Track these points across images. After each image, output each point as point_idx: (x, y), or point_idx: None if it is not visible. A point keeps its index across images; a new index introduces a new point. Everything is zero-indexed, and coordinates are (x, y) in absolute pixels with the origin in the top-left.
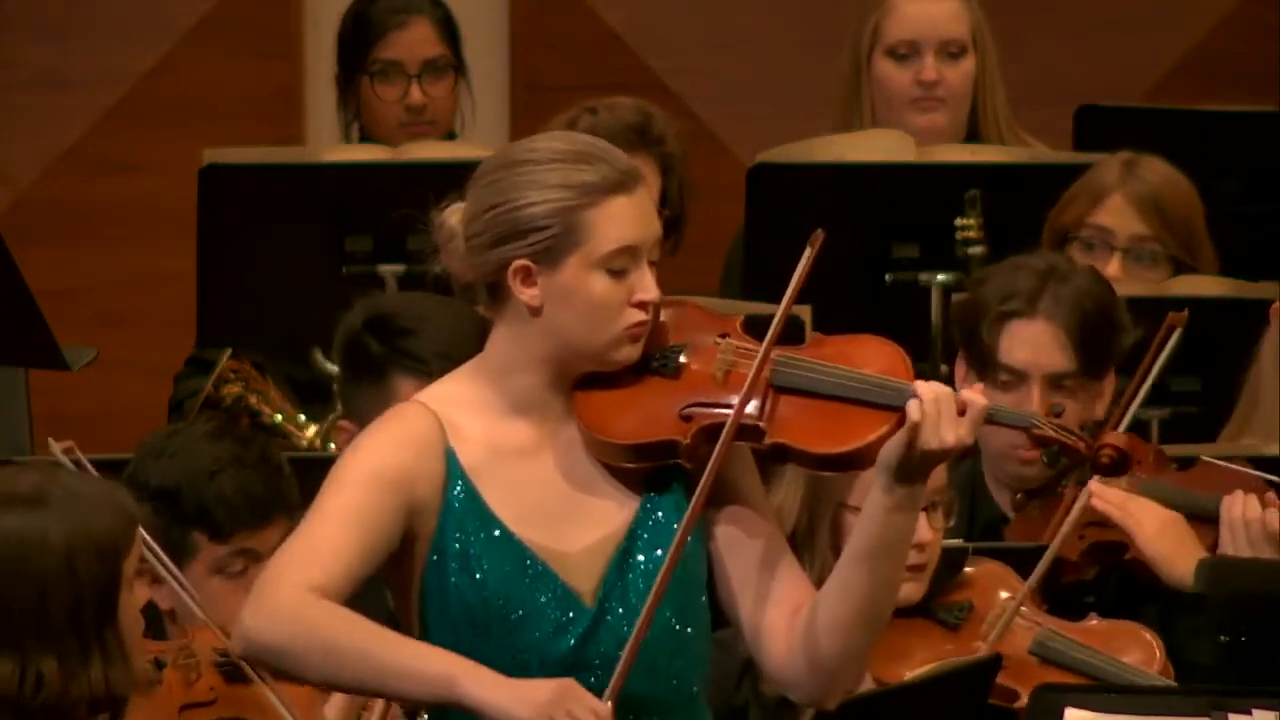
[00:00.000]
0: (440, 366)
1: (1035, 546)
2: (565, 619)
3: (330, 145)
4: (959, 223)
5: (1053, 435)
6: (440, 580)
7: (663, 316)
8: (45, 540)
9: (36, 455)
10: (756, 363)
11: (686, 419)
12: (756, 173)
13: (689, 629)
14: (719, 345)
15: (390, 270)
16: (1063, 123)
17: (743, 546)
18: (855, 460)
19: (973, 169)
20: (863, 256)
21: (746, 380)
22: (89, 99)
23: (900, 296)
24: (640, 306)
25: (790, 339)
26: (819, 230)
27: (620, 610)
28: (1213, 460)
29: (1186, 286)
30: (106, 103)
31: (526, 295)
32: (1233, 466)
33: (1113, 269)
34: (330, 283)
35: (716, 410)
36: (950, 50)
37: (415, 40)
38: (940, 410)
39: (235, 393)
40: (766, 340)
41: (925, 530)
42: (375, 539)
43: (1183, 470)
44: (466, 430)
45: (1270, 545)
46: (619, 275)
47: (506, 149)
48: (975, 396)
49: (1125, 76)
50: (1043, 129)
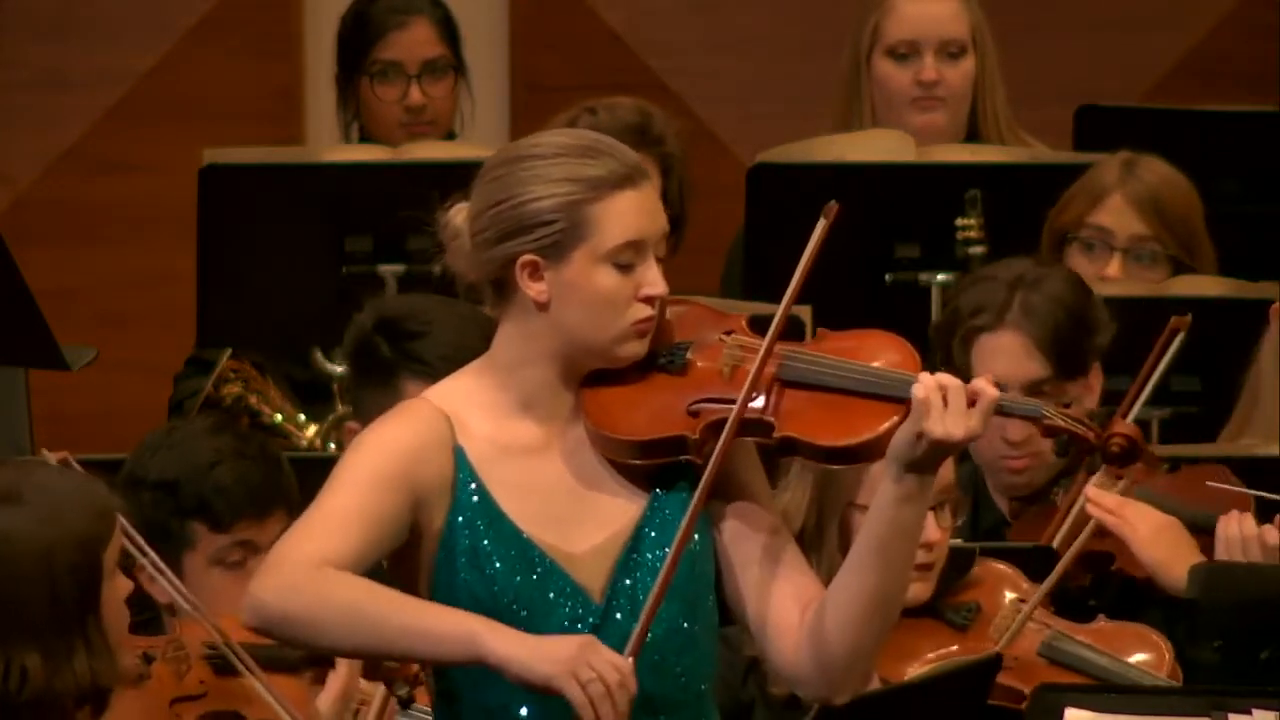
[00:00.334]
0: (448, 370)
1: (1042, 547)
2: (574, 616)
3: (330, 145)
4: (960, 222)
5: (1062, 425)
6: (449, 577)
7: (667, 315)
8: (22, 537)
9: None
10: (766, 343)
11: (694, 415)
12: (756, 173)
13: (697, 627)
14: (725, 342)
15: (390, 270)
16: (1063, 123)
17: (749, 542)
18: (864, 452)
19: (973, 169)
20: (863, 256)
21: (750, 372)
22: (89, 99)
23: (900, 296)
24: (647, 301)
25: (792, 338)
26: (832, 201)
27: (629, 608)
28: (1216, 485)
29: (1186, 286)
30: (106, 103)
31: (533, 290)
32: (1223, 486)
33: (1113, 269)
34: (330, 283)
35: (724, 405)
36: (950, 50)
37: (415, 40)
38: (950, 401)
39: (235, 393)
40: (780, 312)
41: (933, 529)
42: (381, 526)
43: (1173, 472)
44: (474, 428)
45: (1270, 560)
46: (626, 270)
47: (511, 145)
48: (985, 387)
49: (1125, 76)
50: (1043, 129)
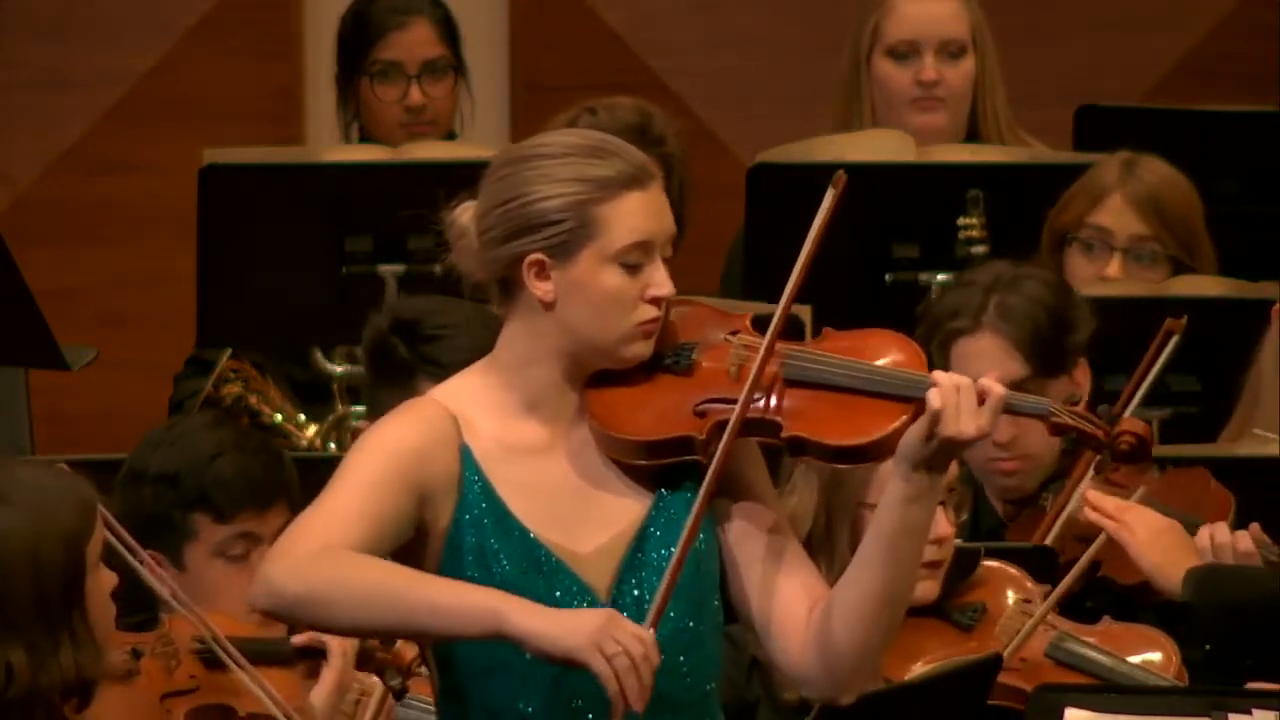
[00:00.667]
0: None
1: (1042, 548)
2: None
3: (330, 145)
4: (961, 222)
5: (1070, 423)
6: (455, 575)
7: (671, 316)
8: (6, 534)
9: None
10: (772, 326)
11: (701, 415)
12: (756, 173)
13: (702, 626)
14: (730, 342)
15: (390, 270)
16: (1063, 123)
17: (754, 541)
18: (873, 451)
19: (973, 169)
20: (863, 256)
21: (753, 368)
22: (89, 99)
23: (900, 296)
24: (653, 302)
25: (792, 338)
26: (840, 170)
27: (635, 607)
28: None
29: (1186, 286)
30: (106, 103)
31: (540, 290)
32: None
33: (1113, 269)
34: (330, 283)
35: (731, 405)
36: (950, 50)
37: (415, 41)
38: (961, 399)
39: (235, 393)
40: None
41: (944, 524)
42: (387, 521)
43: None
44: (480, 426)
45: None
46: (633, 270)
47: (519, 145)
48: (993, 385)
49: (1125, 76)
50: (1043, 129)
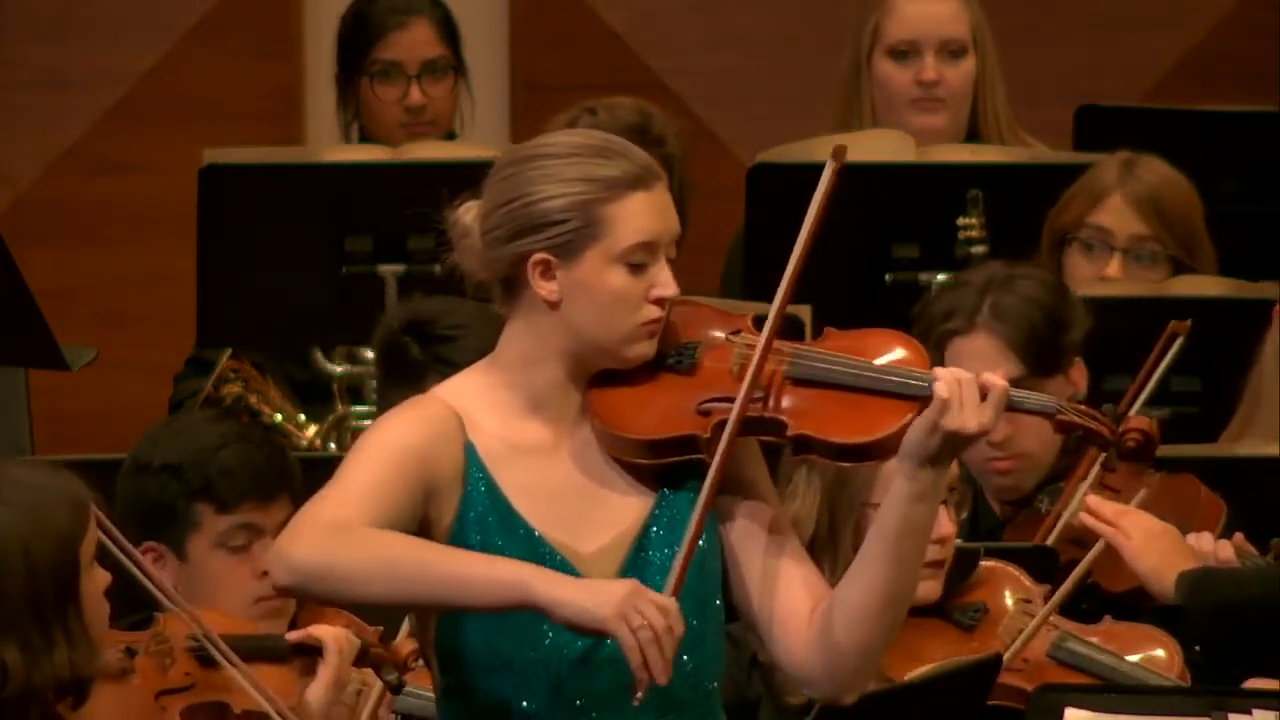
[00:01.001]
0: None
1: (1042, 548)
2: None
3: (330, 145)
4: (961, 222)
5: (1076, 420)
6: None
7: (672, 315)
8: (1, 533)
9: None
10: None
11: (705, 414)
12: (756, 173)
13: (706, 625)
14: (733, 342)
15: (390, 270)
16: (1063, 123)
17: (756, 540)
18: (878, 450)
19: (973, 169)
20: (863, 256)
21: (750, 369)
22: (89, 99)
23: (900, 296)
24: (658, 303)
25: (792, 338)
26: (841, 143)
27: None
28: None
29: (1187, 287)
30: (106, 103)
31: (545, 289)
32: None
33: (1113, 269)
34: (330, 283)
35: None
36: (950, 50)
37: (415, 41)
38: (964, 393)
39: (235, 393)
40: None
41: (946, 523)
42: (396, 506)
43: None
44: (484, 425)
45: None
46: (638, 270)
47: (524, 145)
48: (996, 379)
49: (1125, 76)
50: (1043, 129)
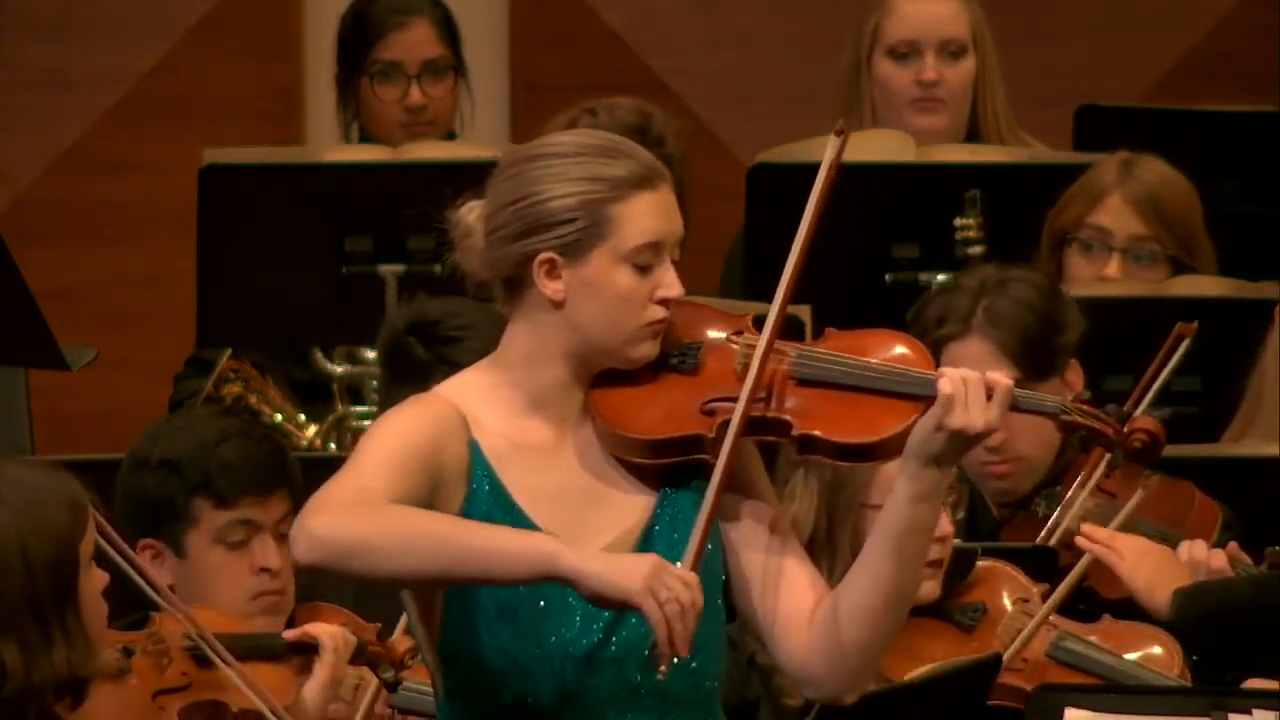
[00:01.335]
0: None
1: (1041, 548)
2: (591, 611)
3: (330, 145)
4: (959, 222)
5: (1081, 421)
6: None
7: (673, 316)
8: None
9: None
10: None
11: (709, 413)
12: (756, 173)
13: (709, 625)
14: (735, 342)
15: (390, 270)
16: (1063, 123)
17: (758, 540)
18: (883, 450)
19: (973, 169)
20: (863, 256)
21: (752, 368)
22: (89, 99)
23: (900, 296)
24: (663, 303)
25: (793, 338)
26: (841, 120)
27: None
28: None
29: (1187, 287)
30: (106, 103)
31: (550, 289)
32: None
33: (1112, 269)
34: (330, 283)
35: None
36: (950, 50)
37: (415, 41)
38: (969, 391)
39: (235, 393)
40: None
41: (945, 523)
42: (408, 492)
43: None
44: (487, 424)
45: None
46: (644, 271)
47: (529, 144)
48: (1000, 378)
49: (1125, 76)
50: (1043, 129)
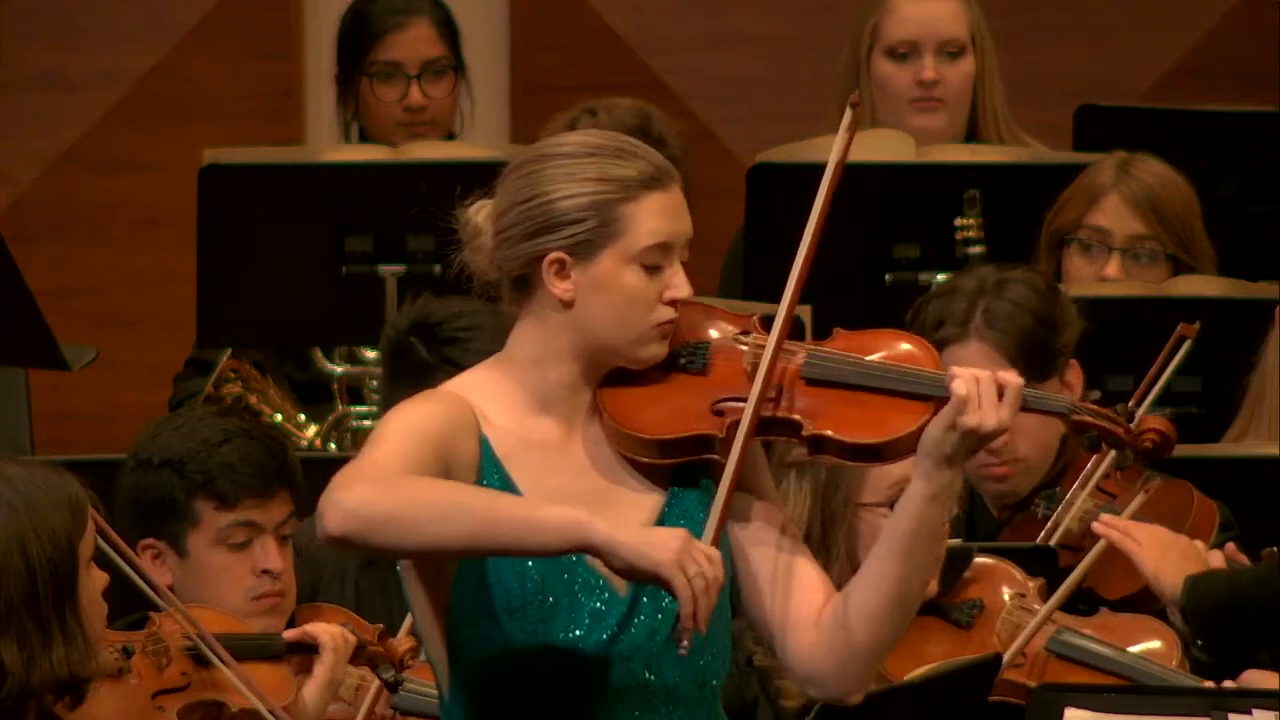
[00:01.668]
0: None
1: (1041, 548)
2: (600, 608)
3: (330, 145)
4: (959, 222)
5: (1091, 420)
6: (476, 563)
7: (681, 316)
8: None
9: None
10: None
11: (720, 414)
12: (756, 173)
13: (716, 624)
14: (744, 342)
15: (390, 270)
16: (1063, 123)
17: (765, 540)
18: (895, 450)
19: (973, 169)
20: (863, 256)
21: (762, 367)
22: (89, 99)
23: (900, 296)
24: (671, 304)
25: (793, 337)
26: (856, 93)
27: (652, 601)
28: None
29: (1187, 287)
30: (106, 103)
31: (559, 289)
32: None
33: (1112, 269)
34: (330, 283)
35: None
36: (950, 50)
37: (415, 41)
38: (981, 390)
39: (235, 393)
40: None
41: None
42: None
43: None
44: (495, 420)
45: None
46: (653, 271)
47: (539, 144)
48: (1011, 377)
49: (1125, 76)
50: (1042, 129)
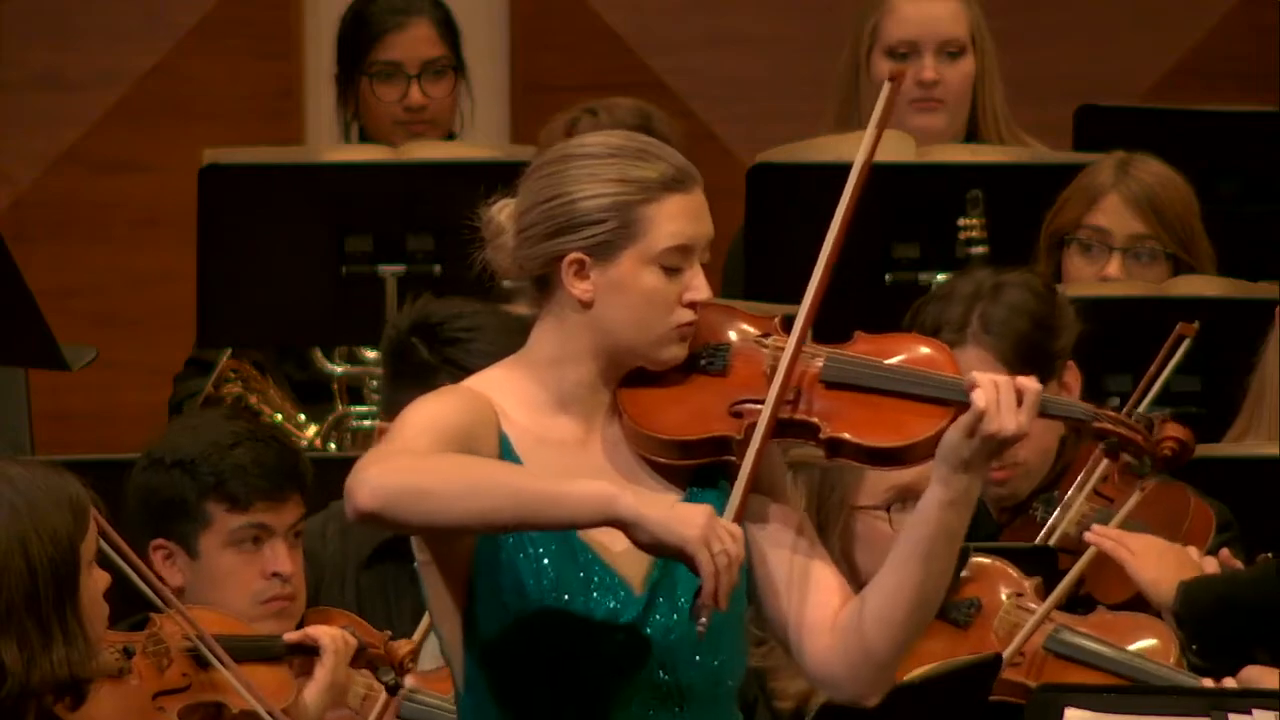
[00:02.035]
0: None
1: (1040, 548)
2: (616, 606)
3: (330, 145)
4: (962, 222)
5: (1111, 428)
6: (491, 556)
7: (702, 317)
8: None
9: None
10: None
11: (738, 415)
12: (756, 173)
13: (732, 626)
14: (765, 344)
15: (390, 270)
16: (1063, 123)
17: (783, 542)
18: (914, 454)
19: (973, 169)
20: (863, 256)
21: (782, 365)
22: (89, 99)
23: (900, 296)
24: (691, 306)
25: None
26: (899, 66)
27: (669, 601)
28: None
29: (1187, 287)
30: (106, 103)
31: (578, 289)
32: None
33: (1112, 269)
34: (330, 283)
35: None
36: (949, 50)
37: (415, 41)
38: (1001, 396)
39: (235, 393)
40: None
41: None
42: None
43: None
44: (514, 418)
45: None
46: (672, 273)
47: (563, 144)
48: (1030, 383)
49: (1125, 76)
50: (1042, 129)
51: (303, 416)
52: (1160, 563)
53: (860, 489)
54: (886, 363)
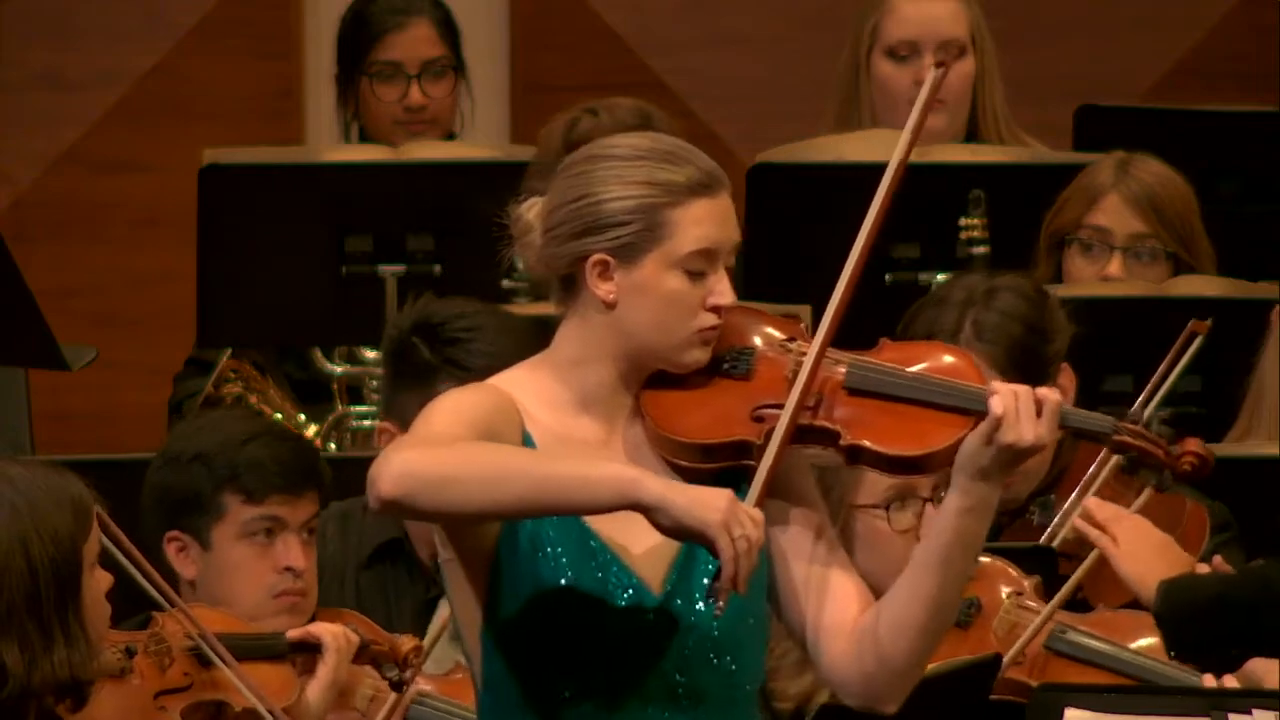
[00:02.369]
0: (488, 376)
1: (1040, 548)
2: (633, 606)
3: (330, 145)
4: (963, 222)
5: (1132, 442)
6: (511, 552)
7: (727, 321)
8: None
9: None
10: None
11: (759, 420)
12: (756, 173)
13: (749, 630)
14: (788, 348)
15: (390, 270)
16: (1063, 123)
17: (804, 545)
18: (933, 462)
19: (973, 169)
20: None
21: (803, 370)
22: (89, 99)
23: (900, 296)
24: (715, 310)
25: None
26: (943, 61)
27: (687, 603)
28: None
29: (1188, 287)
30: (106, 103)
31: (602, 290)
32: None
33: (1113, 269)
34: (330, 283)
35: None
36: (950, 50)
37: (415, 41)
38: (1020, 406)
39: (235, 393)
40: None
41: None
42: None
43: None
44: (537, 417)
45: None
46: (696, 277)
47: (592, 145)
48: (1050, 393)
49: (1125, 76)
50: (1043, 129)
51: (303, 416)
52: (1146, 557)
53: (859, 488)
54: (909, 371)
